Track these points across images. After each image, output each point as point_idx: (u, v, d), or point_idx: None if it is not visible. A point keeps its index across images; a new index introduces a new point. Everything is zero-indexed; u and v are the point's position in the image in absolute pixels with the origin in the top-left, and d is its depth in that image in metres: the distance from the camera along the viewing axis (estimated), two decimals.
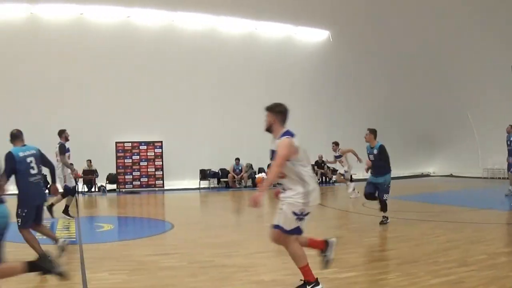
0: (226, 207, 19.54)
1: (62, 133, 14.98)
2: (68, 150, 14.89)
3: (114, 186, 26.05)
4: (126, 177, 26.25)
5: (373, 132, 13.14)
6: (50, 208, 14.41)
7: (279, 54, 28.80)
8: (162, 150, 26.41)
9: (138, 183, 26.35)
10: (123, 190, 25.86)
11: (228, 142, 26.81)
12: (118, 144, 26.11)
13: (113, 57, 25.46)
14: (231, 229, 13.37)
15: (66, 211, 15.01)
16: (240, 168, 26.95)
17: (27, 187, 8.82)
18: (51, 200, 14.23)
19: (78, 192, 23.86)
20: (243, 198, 22.10)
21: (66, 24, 25.01)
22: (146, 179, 26.53)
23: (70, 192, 15.10)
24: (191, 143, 26.44)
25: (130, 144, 26.32)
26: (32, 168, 8.89)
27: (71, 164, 14.99)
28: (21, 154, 8.79)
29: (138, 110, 25.95)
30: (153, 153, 26.54)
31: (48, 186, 12.95)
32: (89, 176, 24.96)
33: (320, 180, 28.76)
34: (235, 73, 27.70)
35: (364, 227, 12.72)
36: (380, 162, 12.77)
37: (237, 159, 26.80)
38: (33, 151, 9.00)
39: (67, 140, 14.93)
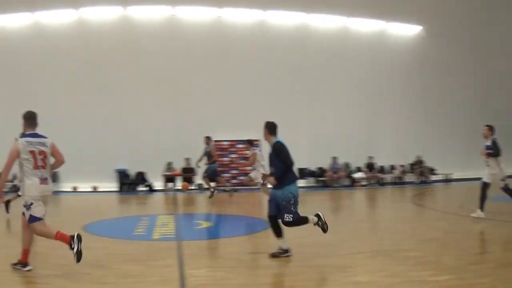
0: (324, 206, 19.31)
1: None
2: None
3: (212, 184, 26.27)
4: (224, 175, 26.45)
5: (267, 126, 9.99)
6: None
7: (370, 51, 28.16)
8: (259, 149, 26.42)
9: (236, 181, 26.48)
10: (221, 188, 26.05)
11: (326, 140, 26.49)
12: (216, 143, 26.32)
13: (208, 57, 25.85)
14: (330, 228, 13.18)
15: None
16: (337, 167, 26.58)
17: None
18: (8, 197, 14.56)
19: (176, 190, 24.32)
20: (340, 197, 21.86)
21: (158, 25, 25.64)
22: (244, 178, 26.62)
23: None
24: (289, 141, 26.23)
25: (227, 143, 26.50)
26: None
27: None
28: None
29: (235, 108, 26.09)
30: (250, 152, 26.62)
31: None
32: (188, 174, 25.26)
33: (419, 180, 28.01)
34: (329, 70, 27.30)
35: (461, 229, 12.25)
36: (277, 167, 9.53)
37: (334, 158, 26.43)
38: None
39: None
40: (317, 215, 9.48)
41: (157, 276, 7.80)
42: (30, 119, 8.43)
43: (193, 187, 25.31)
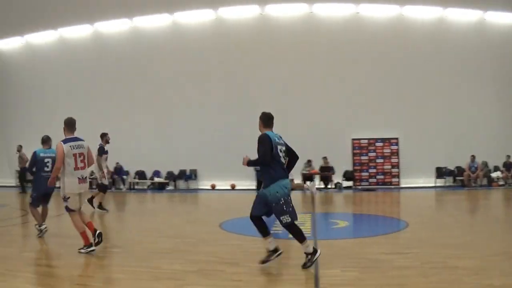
0: (460, 206, 18.79)
1: (103, 137, 16.49)
2: (106, 152, 16.40)
3: (350, 183, 26.23)
4: (362, 174, 26.33)
5: (261, 117, 9.09)
6: (90, 200, 16.26)
7: (506, 42, 26.55)
8: (398, 147, 26.05)
9: (374, 180, 26.28)
10: (359, 187, 25.94)
11: (464, 138, 25.59)
12: (354, 141, 26.27)
13: (345, 56, 25.85)
14: (465, 229, 12.92)
15: (99, 205, 16.46)
16: (475, 166, 25.59)
17: (39, 179, 11.59)
18: (91, 193, 16.15)
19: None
20: (476, 197, 21.23)
21: (294, 23, 25.99)
22: (382, 177, 26.34)
23: (102, 189, 16.60)
24: (427, 140, 25.73)
25: (366, 141, 26.34)
26: (47, 166, 11.68)
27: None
28: (42, 154, 11.80)
29: (374, 107, 25.88)
30: (389, 150, 26.28)
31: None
32: (326, 172, 25.38)
33: None
34: (464, 68, 25.94)
35: None
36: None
37: (473, 156, 25.44)
38: (52, 154, 11.39)
39: (107, 143, 16.47)
40: (315, 250, 8.42)
41: (290, 275, 8.00)
42: (70, 125, 9.97)
43: (331, 186, 25.48)
